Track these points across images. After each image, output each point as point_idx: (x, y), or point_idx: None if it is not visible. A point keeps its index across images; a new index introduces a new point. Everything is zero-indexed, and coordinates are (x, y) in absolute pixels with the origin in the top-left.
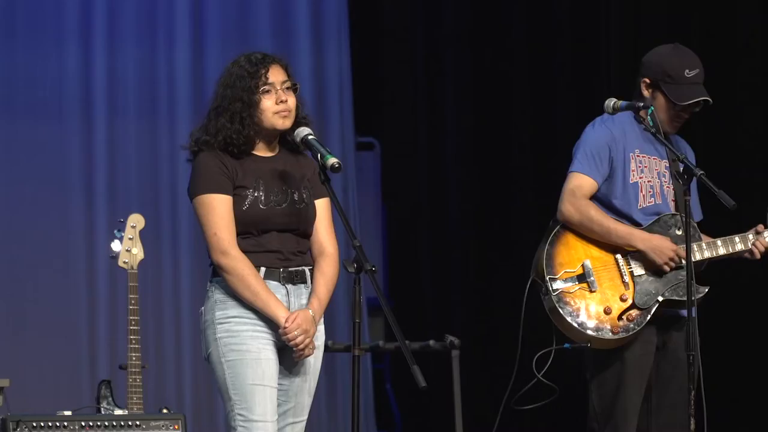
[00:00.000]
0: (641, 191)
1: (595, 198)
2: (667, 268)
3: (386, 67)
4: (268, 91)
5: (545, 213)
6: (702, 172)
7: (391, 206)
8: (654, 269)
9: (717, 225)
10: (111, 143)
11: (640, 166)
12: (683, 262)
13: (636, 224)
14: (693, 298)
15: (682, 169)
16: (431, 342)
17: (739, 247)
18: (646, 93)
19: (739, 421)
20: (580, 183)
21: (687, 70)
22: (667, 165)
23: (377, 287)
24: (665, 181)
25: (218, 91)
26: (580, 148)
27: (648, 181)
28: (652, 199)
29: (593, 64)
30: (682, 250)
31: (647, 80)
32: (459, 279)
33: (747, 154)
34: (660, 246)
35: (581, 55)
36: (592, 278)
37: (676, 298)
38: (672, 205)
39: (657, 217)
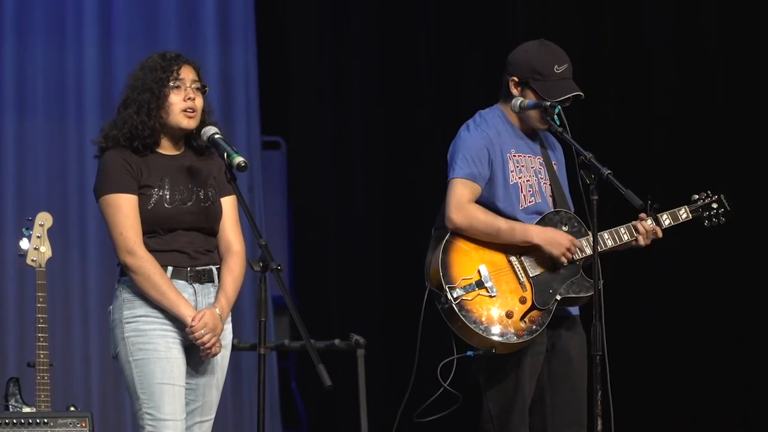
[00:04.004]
0: (522, 191)
1: (478, 201)
2: (564, 260)
3: (292, 67)
4: (177, 87)
5: None
6: (609, 171)
7: (297, 205)
8: (549, 266)
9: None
10: (19, 142)
11: (518, 166)
12: (579, 254)
13: None
14: (598, 291)
15: (588, 168)
16: (336, 341)
17: (626, 237)
18: (515, 91)
19: (645, 418)
20: (464, 188)
21: (556, 66)
22: (541, 161)
23: (283, 286)
24: (542, 179)
25: (129, 83)
26: (459, 152)
27: (527, 181)
28: (533, 198)
29: (502, 63)
30: (577, 240)
31: (515, 78)
32: (365, 278)
33: (632, 147)
34: (556, 238)
35: (490, 54)
36: (490, 283)
37: (573, 295)
38: (551, 201)
39: (541, 216)
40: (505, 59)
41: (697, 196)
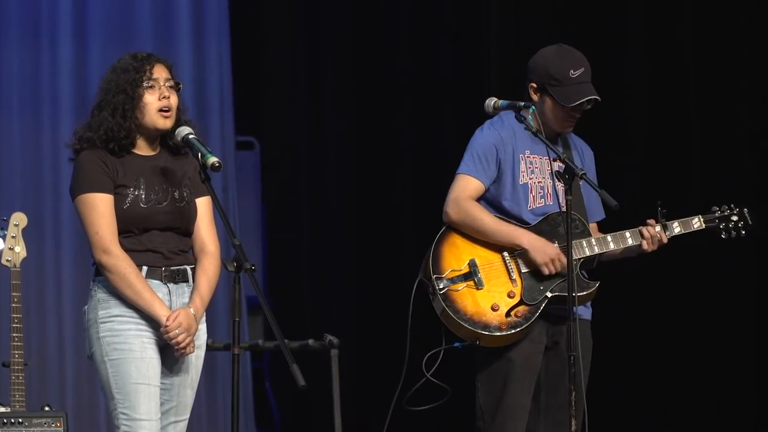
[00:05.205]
0: (531, 192)
1: (485, 200)
2: (545, 270)
3: (267, 67)
4: (151, 87)
5: (426, 212)
6: (584, 171)
7: (271, 205)
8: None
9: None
10: None
11: (530, 167)
12: (561, 269)
13: (525, 224)
14: (575, 295)
15: (563, 168)
16: (310, 341)
17: (631, 242)
18: (534, 97)
19: (625, 420)
20: (466, 184)
21: (572, 71)
22: (560, 165)
23: (257, 286)
24: (558, 181)
25: (102, 86)
26: (468, 149)
27: (538, 182)
28: (543, 200)
29: (476, 64)
30: (564, 256)
31: (534, 84)
32: (339, 278)
33: (636, 152)
34: (544, 247)
35: (464, 55)
36: (479, 276)
37: (565, 293)
38: (565, 203)
39: (545, 216)
40: (480, 60)
41: (717, 208)
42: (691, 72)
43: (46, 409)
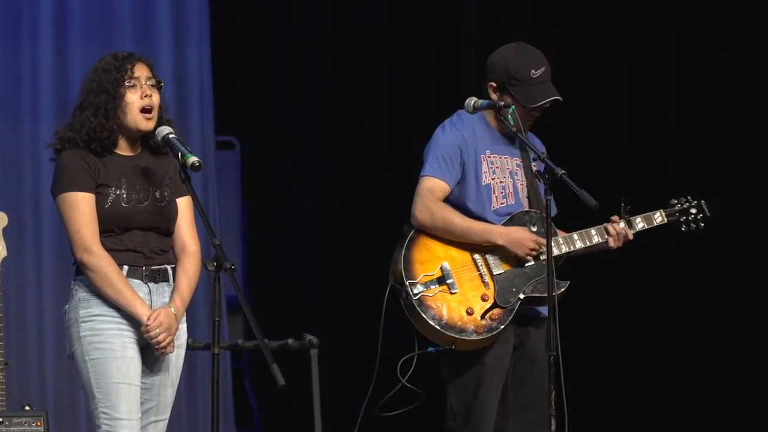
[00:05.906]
0: (494, 192)
1: (449, 201)
2: (529, 259)
3: (247, 67)
4: (133, 86)
5: (407, 214)
6: (563, 171)
7: (251, 205)
8: (514, 264)
9: (579, 222)
10: None
11: (491, 167)
12: (543, 249)
13: None
14: (554, 294)
15: (543, 168)
16: (290, 341)
17: (596, 239)
18: (494, 96)
19: (602, 419)
20: (432, 186)
21: (532, 70)
22: (519, 162)
23: (237, 286)
24: (518, 179)
25: (83, 86)
26: (431, 151)
27: (500, 182)
28: (505, 200)
29: (455, 61)
30: (540, 237)
31: (494, 84)
32: (319, 278)
33: (604, 149)
34: (519, 238)
35: (444, 53)
36: (451, 280)
37: (537, 294)
38: (526, 202)
39: (510, 216)
40: (459, 57)
41: (676, 201)
42: (671, 74)
43: (27, 408)
